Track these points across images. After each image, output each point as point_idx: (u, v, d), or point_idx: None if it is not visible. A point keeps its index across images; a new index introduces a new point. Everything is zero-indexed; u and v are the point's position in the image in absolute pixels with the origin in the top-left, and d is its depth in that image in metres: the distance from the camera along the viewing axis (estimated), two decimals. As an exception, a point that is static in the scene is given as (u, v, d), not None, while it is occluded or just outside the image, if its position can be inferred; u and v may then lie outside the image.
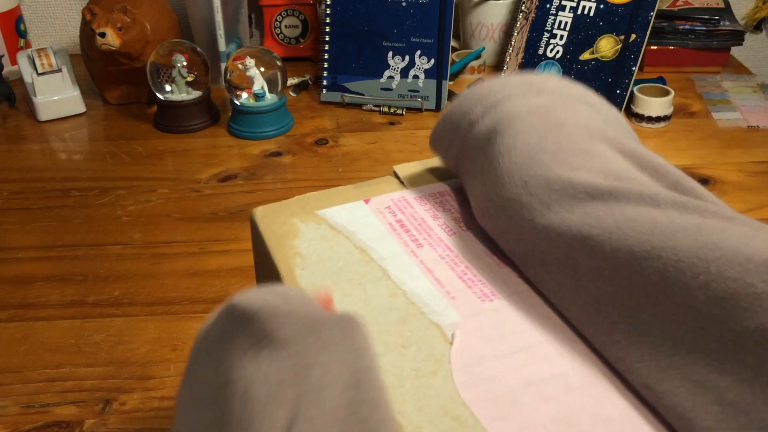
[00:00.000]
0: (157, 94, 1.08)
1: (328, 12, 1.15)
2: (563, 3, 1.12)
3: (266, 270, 0.43)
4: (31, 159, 1.04)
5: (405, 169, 0.49)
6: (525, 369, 0.33)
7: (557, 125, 0.39)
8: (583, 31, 1.11)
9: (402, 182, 0.48)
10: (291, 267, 0.40)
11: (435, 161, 0.50)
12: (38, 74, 1.11)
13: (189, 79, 1.08)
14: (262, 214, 0.45)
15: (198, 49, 1.09)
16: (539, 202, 0.37)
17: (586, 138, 0.39)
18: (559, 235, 0.35)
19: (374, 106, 1.15)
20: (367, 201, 0.46)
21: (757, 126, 1.09)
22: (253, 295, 0.30)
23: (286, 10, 1.29)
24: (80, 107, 1.15)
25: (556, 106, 0.41)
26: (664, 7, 1.28)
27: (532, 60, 1.14)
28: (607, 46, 1.10)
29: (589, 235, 0.34)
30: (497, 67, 1.26)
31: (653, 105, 1.08)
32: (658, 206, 0.34)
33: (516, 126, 0.40)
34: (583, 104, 0.42)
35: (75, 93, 1.14)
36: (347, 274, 0.39)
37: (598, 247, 0.34)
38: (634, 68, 1.08)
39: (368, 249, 0.41)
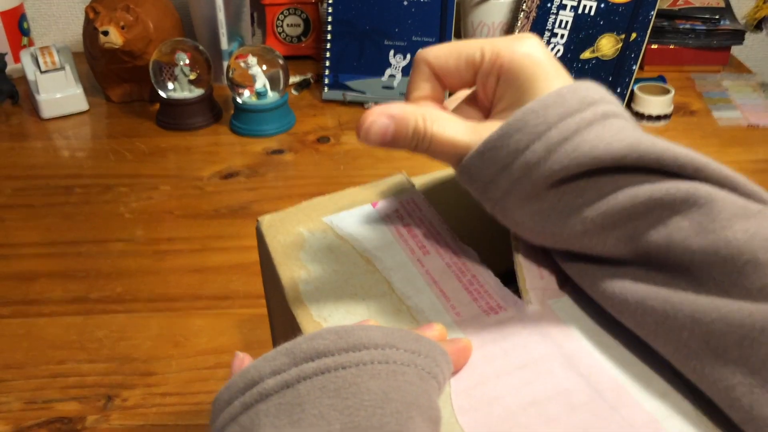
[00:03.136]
0: (159, 92, 1.09)
1: (329, 11, 1.16)
2: (564, 2, 1.12)
3: (271, 281, 0.43)
4: (34, 156, 1.04)
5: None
6: (527, 387, 0.32)
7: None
8: (584, 30, 1.11)
9: (412, 182, 0.47)
10: (295, 281, 0.39)
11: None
12: (41, 72, 1.12)
13: (191, 77, 1.09)
14: (268, 223, 0.44)
15: (200, 47, 1.10)
16: None
17: None
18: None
19: (376, 104, 1.15)
20: (374, 204, 0.45)
21: (757, 125, 1.09)
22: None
23: (288, 9, 1.29)
24: (83, 105, 1.15)
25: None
26: (664, 7, 1.28)
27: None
28: (607, 45, 1.10)
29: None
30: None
31: (653, 103, 1.08)
32: None
33: None
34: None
35: (78, 91, 1.14)
36: (351, 288, 0.39)
37: None
38: (634, 67, 1.08)
39: (374, 259, 0.40)
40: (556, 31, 1.13)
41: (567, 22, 1.12)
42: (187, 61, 1.07)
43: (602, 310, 0.35)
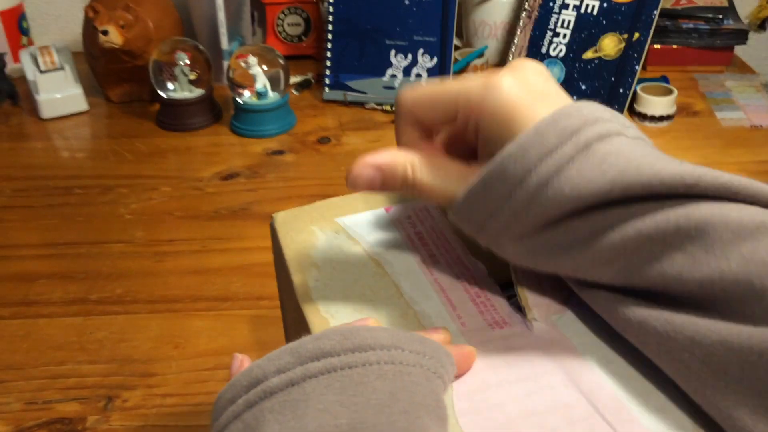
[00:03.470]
0: (159, 92, 1.08)
1: (330, 10, 1.15)
2: (566, 1, 1.12)
3: (283, 277, 0.43)
4: (34, 157, 1.04)
5: None
6: (529, 398, 0.32)
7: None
8: (586, 29, 1.11)
9: None
10: (306, 278, 0.40)
11: None
12: (41, 72, 1.11)
13: (191, 77, 1.08)
14: (282, 220, 0.45)
15: (200, 47, 1.09)
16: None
17: None
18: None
19: (376, 104, 1.15)
20: (387, 209, 0.45)
21: (761, 125, 1.09)
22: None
23: (288, 8, 1.28)
24: (83, 105, 1.15)
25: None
26: (667, 6, 1.28)
27: (534, 59, 1.14)
28: (610, 45, 1.09)
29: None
30: (500, 65, 1.26)
31: (656, 104, 1.07)
32: None
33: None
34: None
35: (78, 91, 1.14)
36: (360, 289, 0.39)
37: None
38: (637, 67, 1.08)
39: (384, 263, 0.41)
40: (558, 30, 1.12)
41: (569, 21, 1.12)
42: (187, 61, 1.07)
43: (605, 324, 0.35)
